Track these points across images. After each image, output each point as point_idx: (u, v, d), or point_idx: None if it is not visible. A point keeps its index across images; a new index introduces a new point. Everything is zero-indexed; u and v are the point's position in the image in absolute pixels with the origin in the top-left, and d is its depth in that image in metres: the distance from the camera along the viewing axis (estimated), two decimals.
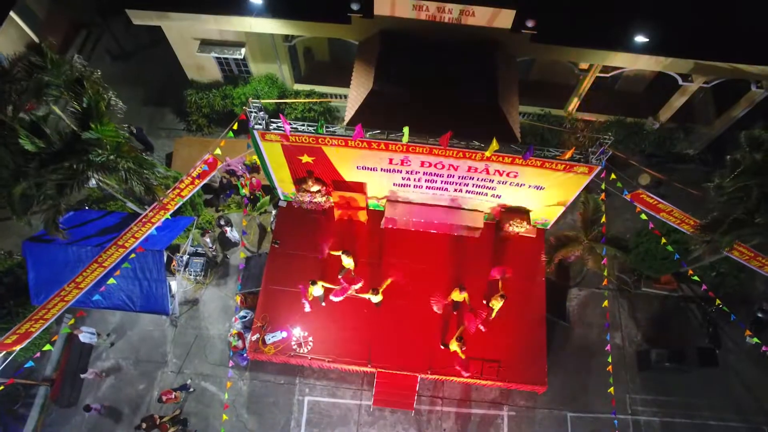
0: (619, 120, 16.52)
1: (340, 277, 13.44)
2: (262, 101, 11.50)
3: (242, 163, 16.27)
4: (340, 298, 13.31)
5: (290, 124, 11.44)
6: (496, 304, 12.79)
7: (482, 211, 14.44)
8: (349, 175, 13.37)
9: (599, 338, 14.75)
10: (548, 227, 14.95)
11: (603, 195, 11.55)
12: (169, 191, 11.40)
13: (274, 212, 15.53)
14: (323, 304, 13.48)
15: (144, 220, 11.46)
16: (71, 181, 9.69)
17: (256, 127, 11.76)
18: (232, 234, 15.49)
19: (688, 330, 14.87)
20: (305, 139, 11.95)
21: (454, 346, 12.34)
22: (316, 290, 12.85)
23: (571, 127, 16.24)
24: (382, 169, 12.92)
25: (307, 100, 16.24)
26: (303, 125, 11.82)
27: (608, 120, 16.52)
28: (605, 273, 13.16)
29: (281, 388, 13.97)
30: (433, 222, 14.45)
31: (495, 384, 13.33)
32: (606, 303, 12.62)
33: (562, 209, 13.77)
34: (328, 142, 11.93)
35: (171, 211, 11.90)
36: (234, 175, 16.10)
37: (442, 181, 13.22)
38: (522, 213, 13.98)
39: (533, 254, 14.62)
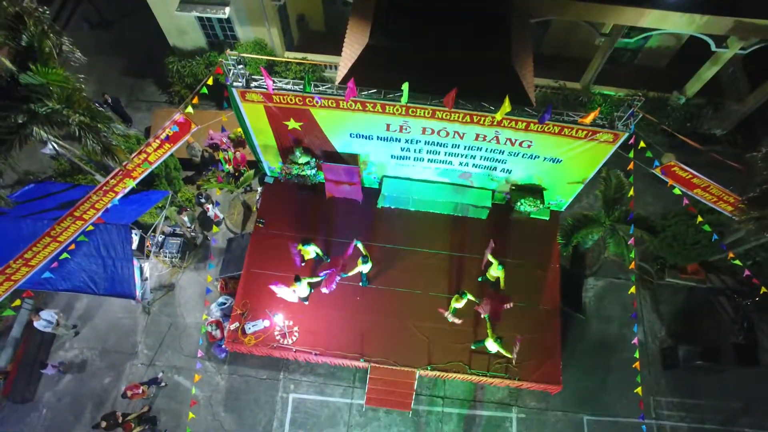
0: (640, 94, 15.00)
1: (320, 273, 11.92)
2: (243, 54, 10.07)
3: (226, 136, 14.82)
4: (333, 287, 11.83)
5: (273, 81, 10.00)
6: (501, 273, 11.43)
7: (490, 190, 12.97)
8: (341, 144, 11.91)
9: (619, 333, 13.27)
10: (563, 209, 13.46)
11: (632, 164, 10.04)
12: (133, 155, 9.93)
13: (259, 190, 14.09)
14: (306, 303, 12.00)
15: (105, 188, 10.00)
16: (11, 137, 8.23)
17: (235, 84, 10.32)
18: (215, 212, 14.03)
19: (718, 325, 13.33)
20: (291, 99, 10.50)
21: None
22: (301, 289, 11.39)
23: (588, 101, 14.77)
24: (378, 138, 11.46)
25: (296, 60, 14.75)
26: (288, 83, 10.39)
27: (628, 94, 15.00)
28: (628, 258, 11.65)
29: (263, 383, 12.49)
30: (436, 201, 12.96)
31: (503, 383, 11.80)
32: (633, 289, 11.09)
33: (579, 187, 12.28)
34: (317, 102, 10.48)
35: (137, 180, 10.44)
36: (217, 149, 14.64)
37: (445, 153, 11.76)
38: (535, 191, 12.48)
39: (546, 239, 13.12)
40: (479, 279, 12.30)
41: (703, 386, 12.51)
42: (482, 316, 11.16)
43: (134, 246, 13.12)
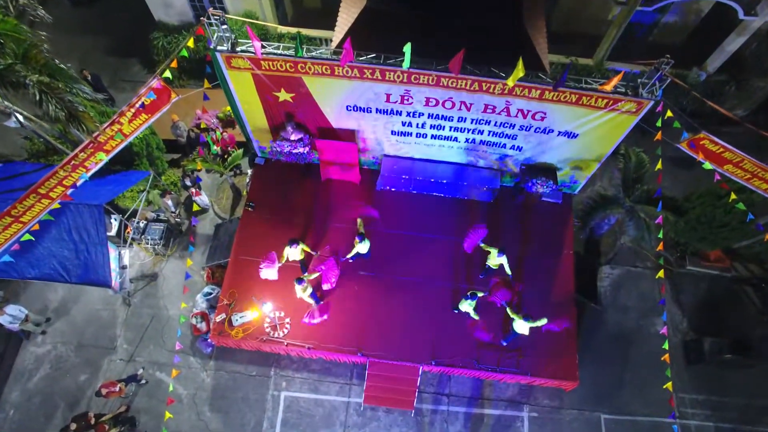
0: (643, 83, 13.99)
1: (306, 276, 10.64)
2: (230, 16, 9.08)
3: (215, 116, 13.86)
4: (334, 282, 10.83)
5: (261, 42, 9.00)
6: (502, 260, 10.39)
7: (499, 170, 12.00)
8: (337, 119, 10.92)
9: (637, 324, 12.29)
10: (576, 192, 12.50)
11: (659, 134, 9.05)
12: (105, 125, 8.93)
13: (249, 172, 13.10)
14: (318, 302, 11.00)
15: (74, 162, 8.98)
16: None
17: (219, 48, 9.33)
18: (200, 198, 13.03)
19: (744, 316, 12.36)
20: (281, 66, 9.52)
21: (464, 305, 10.10)
22: (307, 291, 10.36)
23: (602, 77, 13.76)
24: (377, 111, 10.48)
25: (289, 34, 13.75)
26: (278, 47, 9.42)
27: (645, 71, 13.99)
28: (650, 242, 10.69)
29: (252, 380, 11.49)
30: (440, 182, 11.98)
31: (514, 379, 10.84)
32: (661, 273, 10.08)
33: (595, 167, 11.32)
34: (310, 69, 9.50)
35: (111, 154, 9.42)
36: (205, 129, 13.65)
37: (451, 128, 10.78)
38: (547, 171, 11.50)
39: (559, 223, 12.16)
40: (480, 276, 11.30)
41: (730, 382, 11.52)
42: (499, 305, 10.19)
43: (113, 232, 12.16)
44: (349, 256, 10.85)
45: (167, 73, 8.94)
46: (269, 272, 10.52)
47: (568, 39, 15.03)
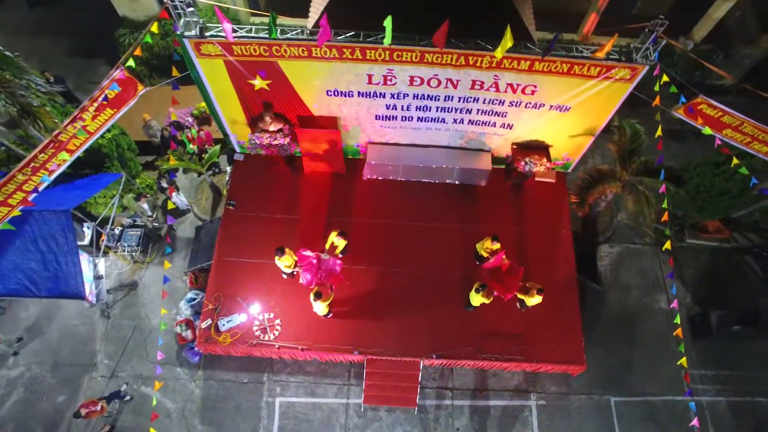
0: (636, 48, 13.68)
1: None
2: None
3: (189, 113, 13.15)
4: (308, 277, 9.95)
5: (232, 25, 8.37)
6: (530, 300, 9.84)
7: (490, 151, 11.53)
8: (317, 105, 10.33)
9: (640, 302, 11.94)
10: (569, 170, 12.10)
11: (657, 99, 8.66)
12: (66, 122, 8.21)
13: (228, 170, 12.44)
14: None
15: (34, 164, 8.25)
16: None
17: (187, 34, 8.68)
18: (179, 199, 12.33)
19: (747, 287, 12.09)
20: (255, 50, 8.90)
21: (476, 299, 9.54)
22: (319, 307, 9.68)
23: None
24: (359, 94, 9.92)
25: (259, 18, 13.08)
26: (250, 30, 8.80)
27: (631, 43, 13.67)
28: (650, 216, 10.30)
29: (245, 388, 10.84)
30: (429, 167, 11.46)
31: (519, 366, 10.37)
32: (668, 244, 9.67)
33: (589, 141, 10.92)
34: (286, 51, 8.90)
35: (76, 154, 8.71)
36: (180, 128, 12.93)
37: (437, 108, 10.27)
38: (540, 149, 11.07)
39: (554, 203, 11.75)
40: (477, 263, 10.80)
41: (738, 355, 11.21)
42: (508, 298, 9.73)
43: (86, 241, 11.43)
44: (337, 256, 10.21)
45: (131, 62, 8.27)
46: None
47: (552, 16, 14.64)
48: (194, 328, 10.90)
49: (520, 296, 9.77)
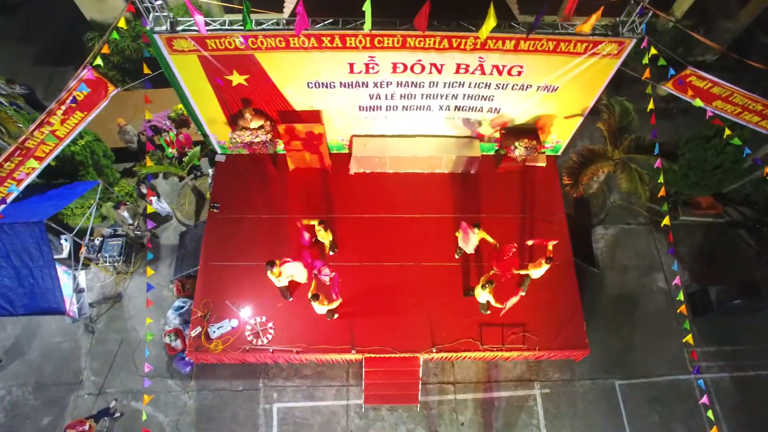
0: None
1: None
2: None
3: (166, 116, 12.71)
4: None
5: (204, 17, 7.98)
6: (482, 234, 9.55)
7: (477, 137, 11.28)
8: (298, 99, 9.98)
9: (638, 283, 11.80)
10: (559, 152, 11.91)
11: (647, 72, 8.48)
12: (32, 127, 7.76)
13: (211, 172, 12.02)
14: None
15: (0, 174, 7.78)
16: None
17: (157, 29, 8.27)
18: (160, 205, 11.87)
19: (742, 261, 12.02)
20: (230, 43, 8.52)
21: (482, 295, 9.14)
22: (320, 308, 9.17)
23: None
24: (341, 84, 9.58)
25: (232, 16, 12.56)
26: (224, 22, 8.42)
27: (612, 22, 13.54)
28: (644, 195, 10.16)
29: (240, 396, 10.45)
30: (417, 157, 11.18)
31: (522, 356, 10.14)
32: (667, 220, 9.54)
33: (578, 122, 10.72)
34: (263, 43, 8.53)
35: (46, 161, 8.26)
36: (157, 132, 12.48)
37: (422, 95, 9.98)
38: (529, 132, 10.83)
39: (547, 186, 11.54)
40: (456, 257, 10.54)
41: (739, 329, 11.13)
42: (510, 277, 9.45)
43: (65, 254, 10.93)
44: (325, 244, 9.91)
45: (98, 61, 7.84)
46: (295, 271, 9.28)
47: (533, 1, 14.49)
48: (184, 337, 10.48)
49: (523, 272, 9.47)
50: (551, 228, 11.05)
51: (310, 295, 8.88)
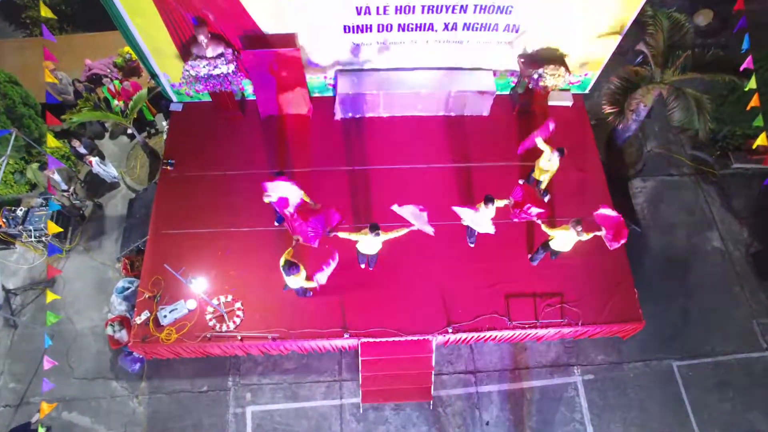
0: None
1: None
2: None
3: (110, 63, 10.52)
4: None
5: None
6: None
7: (491, 69, 9.20)
8: (267, 19, 7.83)
9: (689, 243, 9.76)
10: (587, 90, 9.90)
11: None
12: None
13: (165, 126, 9.81)
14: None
15: None
16: None
17: None
18: (103, 168, 9.63)
19: None
20: None
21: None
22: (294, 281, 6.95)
23: None
24: None
25: None
26: None
27: None
28: (704, 128, 8.11)
29: (204, 398, 8.22)
30: (417, 94, 9.05)
31: (560, 333, 8.02)
32: (763, 139, 7.48)
33: (615, 42, 8.72)
34: None
35: None
36: (99, 82, 10.27)
37: (423, 8, 7.87)
38: (554, 59, 8.77)
39: (575, 130, 9.48)
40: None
41: None
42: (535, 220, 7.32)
43: None
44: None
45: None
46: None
47: None
48: (130, 327, 8.24)
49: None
50: (586, 178, 9.02)
51: (283, 261, 6.68)
